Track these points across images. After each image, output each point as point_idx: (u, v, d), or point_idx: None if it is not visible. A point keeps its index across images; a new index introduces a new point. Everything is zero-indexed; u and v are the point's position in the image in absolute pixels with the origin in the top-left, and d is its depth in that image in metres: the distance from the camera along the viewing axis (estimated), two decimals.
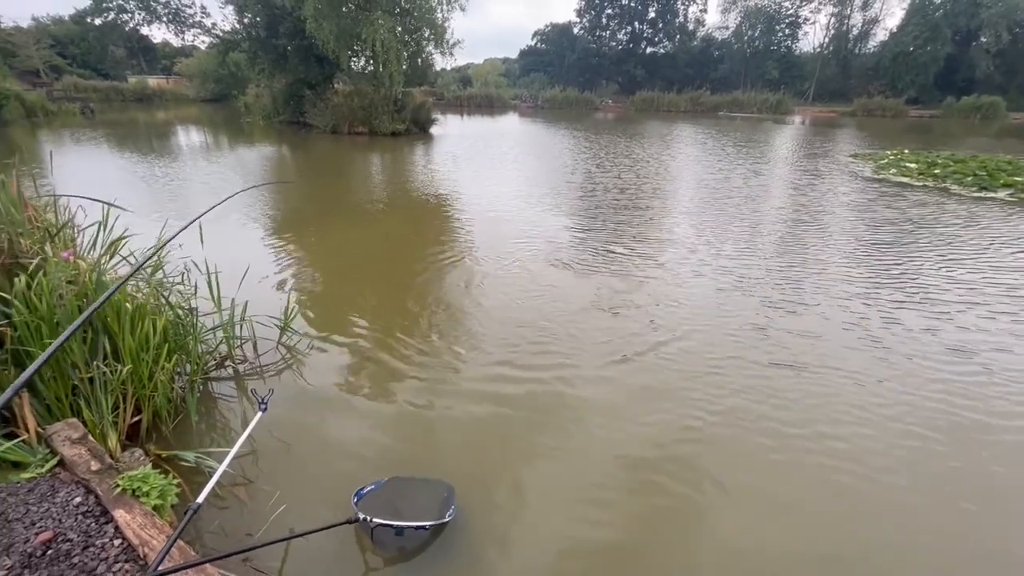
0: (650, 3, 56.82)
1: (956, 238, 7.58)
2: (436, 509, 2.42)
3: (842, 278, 5.88)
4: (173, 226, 4.86)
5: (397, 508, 2.35)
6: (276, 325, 4.19)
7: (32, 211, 3.43)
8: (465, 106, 48.05)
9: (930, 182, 11.94)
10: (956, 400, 3.60)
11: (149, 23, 60.89)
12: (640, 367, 3.95)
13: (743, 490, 2.79)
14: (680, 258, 6.49)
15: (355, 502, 2.41)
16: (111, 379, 2.75)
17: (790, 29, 54.67)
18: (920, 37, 44.88)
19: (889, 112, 41.82)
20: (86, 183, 4.39)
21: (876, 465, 2.98)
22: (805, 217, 8.72)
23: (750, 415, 3.39)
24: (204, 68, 42.84)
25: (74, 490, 2.14)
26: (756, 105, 44.50)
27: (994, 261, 6.59)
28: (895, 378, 3.86)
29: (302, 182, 12.43)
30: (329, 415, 3.33)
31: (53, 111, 26.70)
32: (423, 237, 7.51)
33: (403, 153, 17.11)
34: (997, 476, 2.94)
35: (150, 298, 3.31)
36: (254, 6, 22.13)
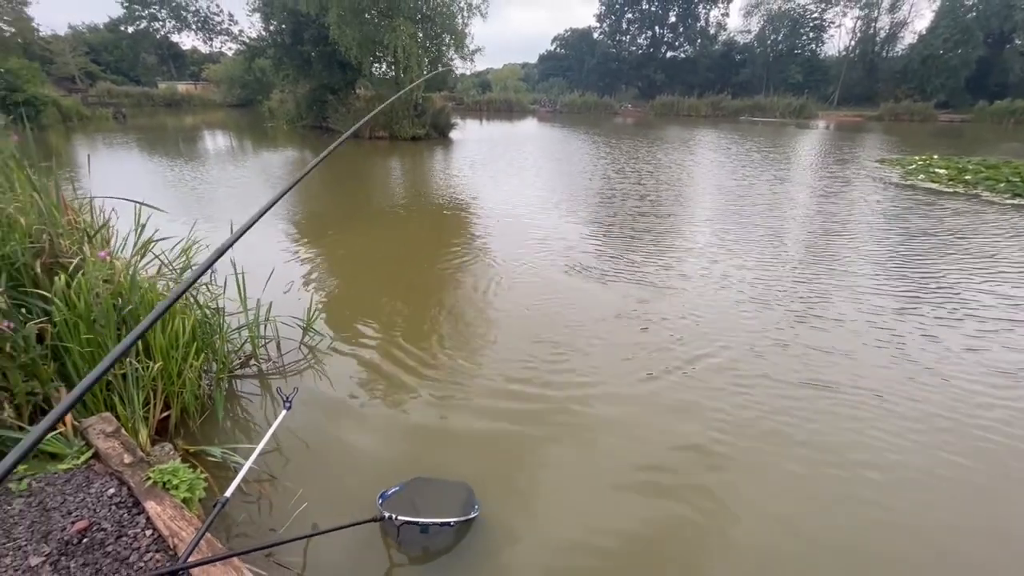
0: (671, 8, 56.48)
1: (998, 250, 7.12)
2: (459, 508, 2.46)
3: (873, 291, 5.60)
4: (201, 228, 5.03)
5: (420, 507, 2.39)
6: (299, 325, 4.28)
7: (71, 213, 3.57)
8: (484, 111, 48.35)
9: (960, 188, 11.60)
10: (1002, 428, 3.31)
11: (179, 31, 63.08)
12: (662, 384, 3.81)
13: (766, 519, 2.63)
14: (702, 268, 6.27)
15: (380, 503, 2.45)
16: (143, 375, 2.84)
17: (815, 32, 53.75)
18: (951, 40, 43.68)
19: (918, 116, 40.78)
20: (118, 186, 4.56)
21: (913, 499, 2.77)
22: (832, 226, 8.45)
23: (777, 440, 3.19)
24: (231, 74, 43.98)
25: (108, 481, 2.22)
26: (779, 109, 43.81)
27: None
28: (933, 401, 3.60)
29: (324, 186, 12.65)
30: (349, 416, 3.39)
31: (87, 116, 27.70)
32: (442, 241, 7.57)
33: (423, 157, 17.29)
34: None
35: (180, 298, 3.41)
36: (280, 14, 22.66)
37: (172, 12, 61.77)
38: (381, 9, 19.70)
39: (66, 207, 3.51)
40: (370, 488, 2.67)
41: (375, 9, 19.68)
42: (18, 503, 2.09)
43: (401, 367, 4.00)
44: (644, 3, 56.89)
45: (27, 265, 2.84)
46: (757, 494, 2.78)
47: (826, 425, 3.34)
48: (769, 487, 2.85)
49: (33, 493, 2.15)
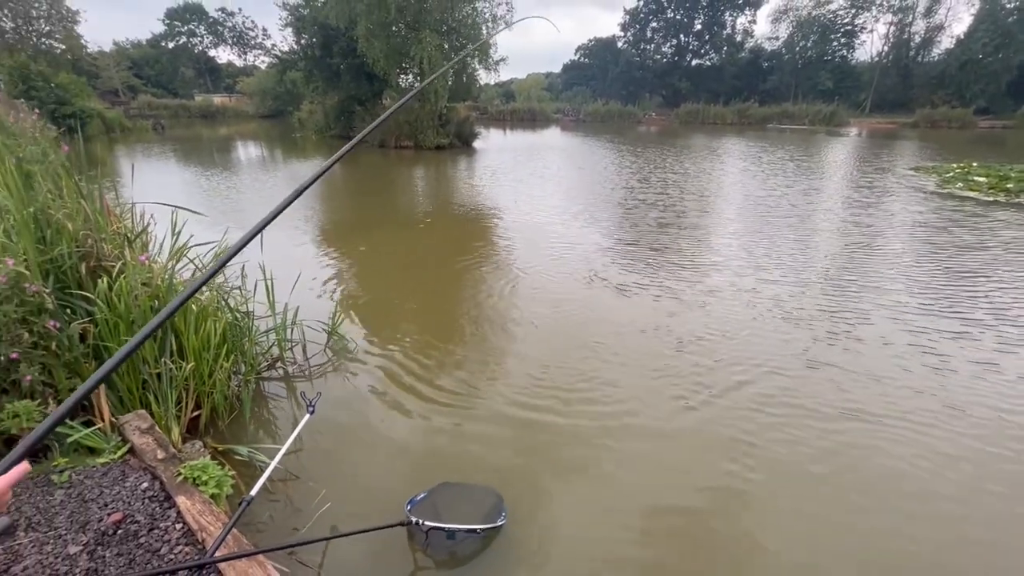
0: (696, 16, 56.10)
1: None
2: (486, 514, 2.46)
3: (918, 311, 5.21)
4: (233, 234, 5.20)
5: (448, 512, 2.40)
6: (324, 330, 4.38)
7: (113, 218, 3.75)
8: (508, 120, 48.74)
9: (1002, 197, 11.15)
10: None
11: (216, 45, 65.84)
12: (690, 407, 3.60)
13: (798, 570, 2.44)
14: (730, 283, 5.98)
15: (408, 508, 2.46)
16: (176, 375, 2.96)
17: (846, 38, 52.53)
18: (991, 44, 42.13)
19: (955, 123, 39.38)
20: (156, 193, 4.78)
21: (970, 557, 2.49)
22: (868, 239, 7.92)
23: (811, 479, 2.96)
24: (263, 86, 45.49)
25: (142, 476, 2.31)
26: (808, 116, 42.91)
27: None
28: (989, 439, 3.26)
29: (350, 194, 12.95)
30: (371, 420, 3.44)
31: (129, 127, 29.04)
32: (464, 249, 7.62)
33: (446, 167, 17.53)
34: None
35: (212, 301, 3.54)
36: (311, 28, 23.41)
37: (210, 28, 64.48)
38: (408, 22, 20.15)
39: (109, 213, 3.69)
40: (392, 491, 2.71)
41: (402, 22, 20.15)
42: (59, 494, 2.20)
43: (423, 374, 4.05)
44: (669, 12, 56.66)
45: (73, 268, 3.00)
46: (787, 534, 2.61)
47: (867, 463, 3.06)
48: (799, 529, 2.65)
49: (73, 485, 2.26)
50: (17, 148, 5.37)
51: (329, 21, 20.84)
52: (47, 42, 41.75)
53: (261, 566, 1.86)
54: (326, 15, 21.04)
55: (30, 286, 2.52)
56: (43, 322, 2.57)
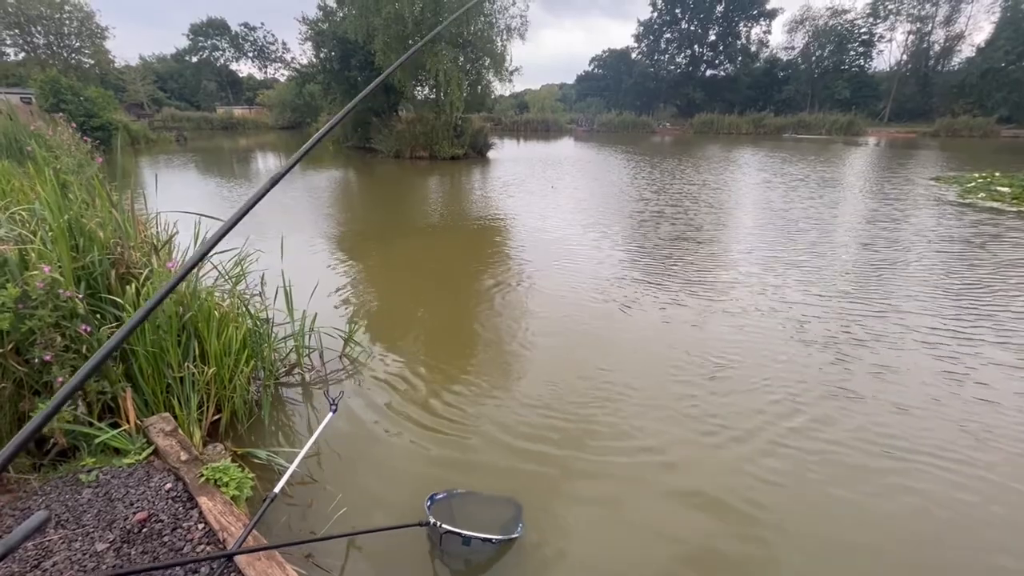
0: (710, 26, 56.23)
1: None
2: (504, 525, 2.49)
3: (951, 336, 4.83)
4: (253, 241, 5.33)
5: (465, 519, 2.42)
6: (340, 337, 4.45)
7: (141, 227, 3.88)
8: (522, 131, 49.15)
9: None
10: None
11: (237, 59, 67.68)
12: (705, 434, 3.42)
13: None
14: (749, 304, 5.64)
15: (427, 506, 2.50)
16: (198, 379, 3.04)
17: (863, 48, 52.16)
18: (1013, 52, 41.50)
19: (977, 132, 38.74)
20: (179, 202, 4.94)
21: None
22: (894, 254, 7.61)
23: (818, 495, 2.86)
24: (283, 98, 46.62)
25: (165, 477, 2.38)
26: (825, 126, 42.58)
27: None
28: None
29: (366, 204, 13.15)
30: (386, 427, 3.47)
31: (153, 139, 29.90)
32: (478, 259, 7.70)
33: (461, 177, 17.71)
34: None
35: (233, 307, 3.64)
36: (330, 42, 23.97)
37: (232, 42, 66.34)
38: (424, 35, 20.51)
39: (137, 222, 3.82)
40: (405, 499, 2.74)
41: (418, 36, 20.53)
42: (87, 493, 2.27)
43: (438, 382, 4.08)
44: (683, 23, 56.90)
45: (104, 274, 3.11)
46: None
47: (906, 509, 2.79)
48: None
49: (100, 484, 2.33)
50: (55, 160, 5.59)
51: (348, 35, 21.34)
52: (77, 57, 43.37)
53: (280, 566, 1.90)
54: (345, 29, 21.55)
55: (64, 292, 2.63)
56: (75, 326, 2.66)
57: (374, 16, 19.61)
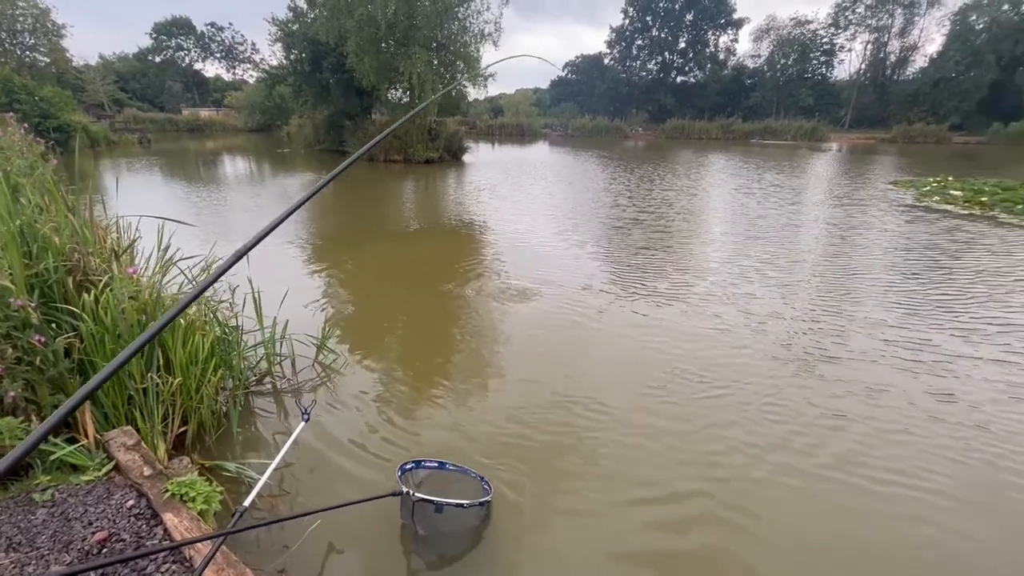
0: (680, 34, 57.48)
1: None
2: (472, 495, 2.63)
3: (926, 348, 4.71)
4: (221, 245, 5.18)
5: (437, 491, 2.50)
6: (312, 344, 4.35)
7: (100, 232, 3.72)
8: (496, 135, 49.26)
9: (977, 210, 11.49)
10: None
11: (204, 59, 65.88)
12: (681, 434, 3.41)
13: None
14: (723, 314, 5.48)
15: (399, 475, 2.56)
16: (163, 390, 2.92)
17: (825, 56, 54.17)
18: (962, 63, 43.74)
19: (931, 139, 40.64)
20: (142, 207, 4.71)
21: None
22: (865, 260, 7.65)
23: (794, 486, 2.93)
24: (252, 100, 45.54)
25: (127, 493, 2.27)
26: (790, 132, 44.00)
27: None
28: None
29: (339, 208, 12.95)
30: (361, 434, 3.40)
31: (114, 141, 28.80)
32: (453, 264, 7.63)
33: (436, 180, 17.61)
34: None
35: (200, 315, 3.51)
36: (301, 43, 23.57)
37: (198, 42, 64.55)
38: (397, 38, 20.39)
39: (96, 227, 3.65)
40: (381, 506, 2.68)
41: (392, 38, 20.39)
42: (41, 513, 2.15)
43: (412, 387, 4.04)
44: (654, 30, 58.02)
45: (60, 282, 2.96)
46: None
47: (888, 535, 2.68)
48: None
49: (56, 503, 2.21)
50: (5, 162, 5.31)
51: (319, 37, 21.03)
52: (32, 55, 41.51)
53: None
54: (316, 31, 21.23)
55: (15, 301, 2.49)
56: (28, 337, 2.53)
57: (346, 18, 19.39)
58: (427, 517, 2.42)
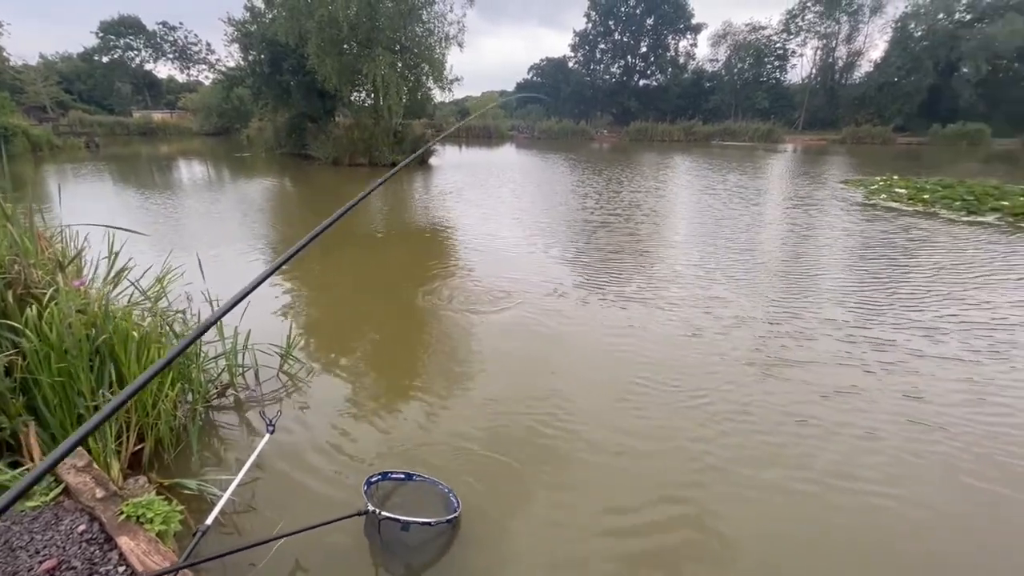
0: (642, 38, 58.70)
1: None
2: (440, 510, 2.57)
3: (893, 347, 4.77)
4: (177, 255, 4.98)
5: (404, 505, 2.49)
6: (277, 353, 4.23)
7: (43, 242, 3.52)
8: (463, 137, 49.08)
9: (920, 207, 12.18)
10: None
11: (155, 60, 63.14)
12: (644, 437, 3.43)
13: None
14: (693, 318, 5.45)
15: (365, 490, 2.52)
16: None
17: (779, 61, 56.36)
18: (903, 68, 46.29)
19: (878, 140, 42.77)
20: (90, 215, 4.44)
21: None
22: (826, 260, 7.84)
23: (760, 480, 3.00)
24: (208, 103, 43.97)
25: (78, 518, 2.15)
26: (748, 134, 45.49)
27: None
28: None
29: (302, 213, 12.66)
30: (329, 445, 3.32)
31: (58, 145, 27.26)
32: (420, 269, 7.56)
33: (402, 184, 17.41)
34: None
35: (155, 327, 3.36)
36: (259, 44, 22.89)
37: (149, 42, 61.85)
38: (360, 40, 20.07)
39: (39, 237, 3.45)
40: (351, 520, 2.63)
41: (354, 40, 20.05)
42: None
43: (381, 396, 3.98)
44: (616, 34, 59.03)
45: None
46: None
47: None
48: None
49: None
50: None
51: (278, 38, 20.46)
52: None
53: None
54: (275, 32, 20.65)
55: None
56: None
57: (306, 19, 18.96)
58: (394, 535, 2.39)
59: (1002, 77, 45.43)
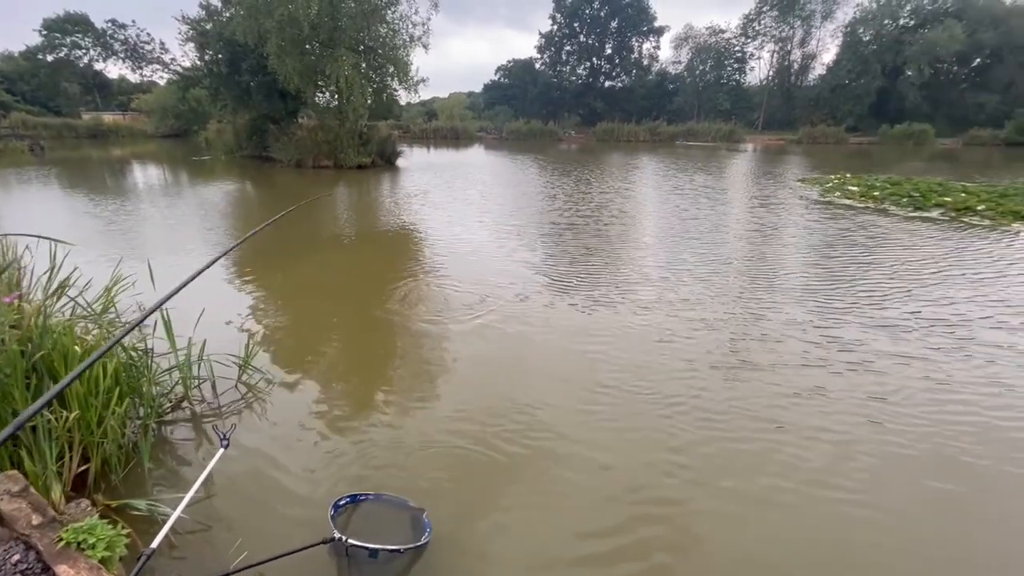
0: (606, 40, 59.59)
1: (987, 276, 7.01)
2: (411, 531, 2.47)
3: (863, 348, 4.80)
4: (127, 264, 4.75)
5: (372, 528, 2.38)
6: (235, 364, 4.08)
7: None
8: (431, 138, 48.73)
9: (871, 203, 12.75)
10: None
11: (105, 59, 60.22)
12: (614, 435, 3.47)
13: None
14: (664, 324, 5.38)
15: (332, 515, 2.42)
16: (56, 427, 2.62)
17: (738, 64, 58.24)
18: (853, 71, 48.53)
19: (832, 139, 44.65)
20: (33, 223, 4.16)
21: None
22: (791, 259, 8.02)
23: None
24: (163, 104, 42.19)
25: (12, 547, 2.01)
26: (711, 134, 46.76)
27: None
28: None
29: (266, 217, 12.29)
30: (291, 457, 3.22)
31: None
32: (388, 273, 7.43)
33: (369, 186, 17.14)
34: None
35: (100, 340, 3.19)
36: (216, 44, 22.16)
37: (97, 40, 59.00)
38: (322, 40, 19.65)
39: None
40: (314, 530, 2.55)
41: (316, 40, 19.62)
42: None
43: (345, 407, 3.87)
44: (581, 36, 59.74)
45: None
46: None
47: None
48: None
49: None
50: None
51: (236, 37, 19.83)
52: None
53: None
54: (233, 31, 20.00)
55: None
56: None
57: (265, 18, 18.42)
58: (362, 561, 2.31)
59: (943, 80, 48.21)
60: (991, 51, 46.38)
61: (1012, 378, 4.24)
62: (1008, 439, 3.48)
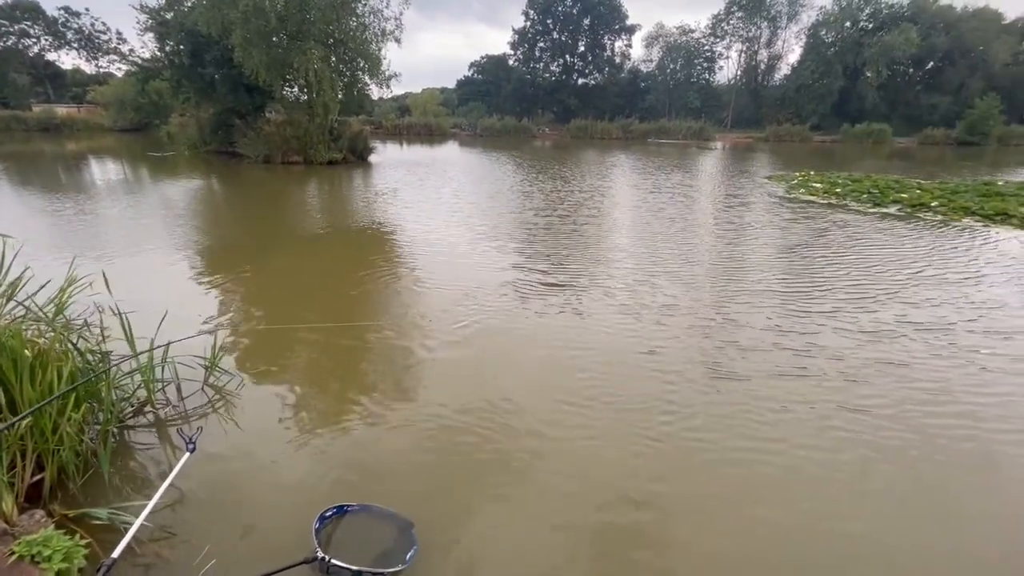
0: (580, 38, 59.88)
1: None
2: (397, 547, 2.39)
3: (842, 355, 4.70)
4: (81, 263, 4.55)
5: (358, 540, 2.31)
6: (202, 366, 3.96)
7: None
8: (404, 134, 48.11)
9: (833, 200, 13.21)
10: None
11: (57, 48, 57.36)
12: (589, 431, 3.52)
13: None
14: (641, 331, 5.23)
15: (316, 529, 2.35)
16: (7, 435, 2.50)
17: (707, 63, 59.42)
18: (816, 72, 50.13)
19: (797, 138, 46.06)
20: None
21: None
22: (763, 258, 8.01)
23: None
24: (121, 96, 40.37)
25: None
26: (681, 132, 47.61)
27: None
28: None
29: (234, 214, 11.96)
30: (259, 460, 3.14)
31: None
32: (360, 272, 7.23)
33: (340, 182, 16.83)
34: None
35: (54, 343, 3.05)
36: (177, 34, 21.33)
37: (48, 28, 56.14)
38: (290, 32, 19.14)
39: None
40: (287, 539, 2.49)
41: (283, 32, 19.10)
42: None
43: (316, 405, 3.81)
44: (554, 33, 59.85)
45: None
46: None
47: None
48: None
49: None
50: None
51: (199, 28, 19.12)
52: None
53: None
54: (195, 21, 19.27)
55: None
56: None
57: (229, 8, 17.80)
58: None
59: (899, 81, 50.33)
60: (943, 54, 48.69)
61: (1001, 384, 4.18)
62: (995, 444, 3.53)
